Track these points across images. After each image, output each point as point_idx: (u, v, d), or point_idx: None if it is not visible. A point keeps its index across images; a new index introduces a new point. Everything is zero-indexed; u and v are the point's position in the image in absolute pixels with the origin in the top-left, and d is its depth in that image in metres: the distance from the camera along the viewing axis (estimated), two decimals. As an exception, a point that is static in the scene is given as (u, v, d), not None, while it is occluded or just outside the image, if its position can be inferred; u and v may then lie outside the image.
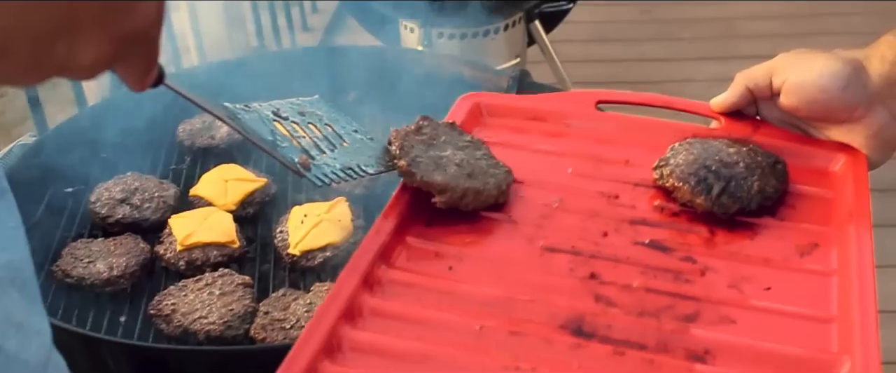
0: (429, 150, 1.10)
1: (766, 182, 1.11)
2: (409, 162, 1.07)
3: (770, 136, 1.20)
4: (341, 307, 0.95)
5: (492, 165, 1.11)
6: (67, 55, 0.60)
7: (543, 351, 0.93)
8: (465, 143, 1.14)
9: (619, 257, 1.05)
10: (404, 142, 1.10)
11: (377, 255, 1.03)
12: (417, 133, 1.13)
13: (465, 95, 1.32)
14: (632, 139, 1.22)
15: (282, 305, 1.36)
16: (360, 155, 1.10)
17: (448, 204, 1.06)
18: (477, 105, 1.30)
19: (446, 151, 1.11)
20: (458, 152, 1.11)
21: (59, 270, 1.46)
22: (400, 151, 1.09)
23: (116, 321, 1.43)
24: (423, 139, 1.12)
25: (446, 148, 1.11)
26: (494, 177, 1.09)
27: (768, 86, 1.18)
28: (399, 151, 1.09)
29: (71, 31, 0.58)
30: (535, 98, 1.32)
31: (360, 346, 0.94)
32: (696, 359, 0.91)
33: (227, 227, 1.51)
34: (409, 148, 1.09)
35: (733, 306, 0.97)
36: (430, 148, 1.11)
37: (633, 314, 0.96)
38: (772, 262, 1.04)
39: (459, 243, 1.07)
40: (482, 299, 0.99)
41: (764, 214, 1.10)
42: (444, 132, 1.15)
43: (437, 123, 1.16)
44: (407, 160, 1.07)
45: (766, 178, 1.11)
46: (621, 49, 4.05)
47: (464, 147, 1.13)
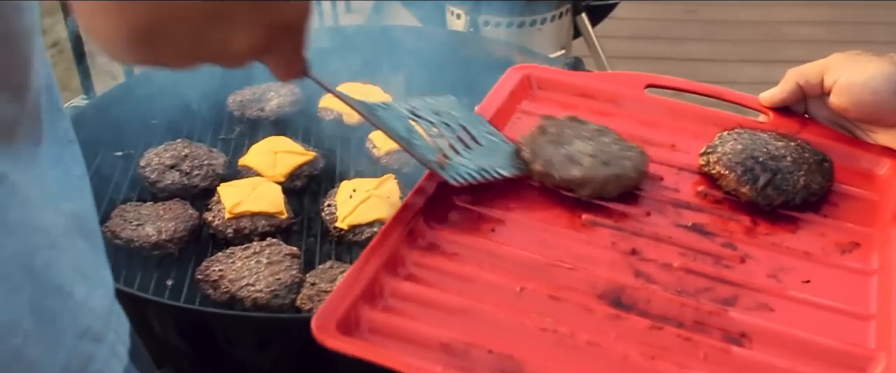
0: (559, 147, 1.11)
1: (812, 178, 1.12)
2: (543, 164, 1.09)
3: (817, 134, 1.21)
4: (384, 256, 0.97)
5: (624, 149, 1.13)
6: (222, 42, 0.64)
7: (582, 317, 0.94)
8: (592, 132, 1.15)
9: (661, 237, 1.06)
10: (534, 145, 1.12)
11: (421, 210, 1.05)
12: (543, 134, 1.14)
13: (515, 66, 1.33)
14: (679, 125, 1.23)
15: (329, 277, 1.39)
16: (494, 157, 1.13)
17: (592, 195, 1.08)
18: (527, 77, 1.32)
19: (575, 144, 1.12)
20: (587, 143, 1.12)
21: (108, 230, 1.49)
22: (533, 155, 1.11)
23: (163, 285, 1.46)
24: (551, 138, 1.13)
25: (574, 142, 1.12)
26: (630, 160, 1.11)
27: (819, 84, 1.19)
28: (532, 155, 1.11)
29: (226, 19, 0.63)
30: (585, 75, 1.34)
31: (401, 294, 0.95)
32: (733, 341, 0.93)
33: (275, 197, 1.54)
34: (541, 150, 1.11)
35: (771, 295, 0.99)
36: (559, 146, 1.12)
37: (672, 292, 0.98)
38: (812, 256, 1.05)
39: (503, 208, 1.08)
40: (523, 262, 1.00)
41: (807, 210, 1.11)
42: (567, 127, 1.16)
43: (559, 120, 1.17)
44: (541, 163, 1.10)
45: (813, 174, 1.12)
46: (665, 47, 4.05)
47: (592, 137, 1.14)
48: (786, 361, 0.91)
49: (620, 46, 3.79)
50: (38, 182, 0.72)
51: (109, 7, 0.59)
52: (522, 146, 1.13)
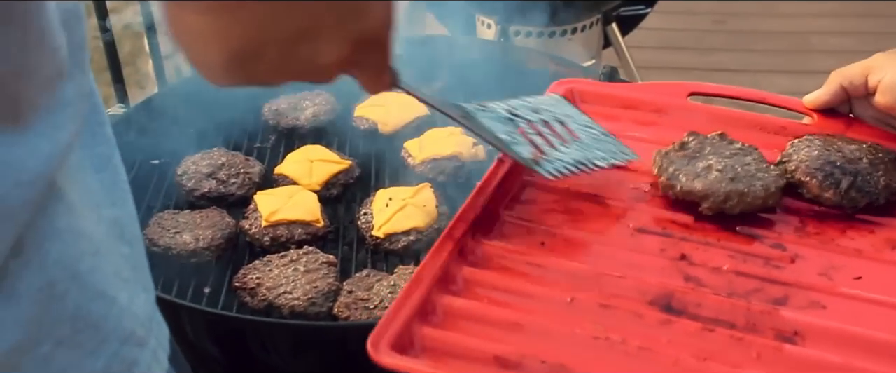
0: (690, 162, 1.12)
1: (892, 177, 1.11)
2: (668, 177, 1.10)
3: (863, 134, 1.20)
4: (436, 274, 0.97)
5: (761, 169, 1.11)
6: (310, 57, 0.67)
7: (633, 324, 0.94)
8: (734, 151, 1.15)
9: (710, 241, 1.06)
10: (663, 161, 1.13)
11: (472, 226, 1.05)
12: (681, 149, 1.14)
13: (558, 81, 1.34)
14: (723, 130, 1.22)
15: (365, 285, 1.38)
16: (593, 150, 1.14)
17: (713, 209, 1.08)
18: (570, 91, 1.31)
19: (709, 160, 1.12)
20: (722, 160, 1.12)
21: (146, 238, 1.49)
22: (659, 169, 1.12)
23: (200, 292, 1.46)
24: (687, 153, 1.13)
25: (709, 158, 1.12)
26: (762, 180, 1.09)
27: (863, 84, 1.18)
28: (658, 169, 1.12)
29: (313, 34, 0.65)
30: (627, 87, 1.34)
31: (454, 311, 0.95)
32: (786, 340, 0.92)
33: (311, 206, 1.53)
34: (669, 164, 1.12)
35: (823, 293, 0.98)
36: (691, 161, 1.12)
37: (723, 294, 0.97)
38: (863, 253, 1.04)
39: (552, 221, 1.09)
40: (573, 273, 1.00)
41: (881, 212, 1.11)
42: (710, 144, 1.16)
43: (705, 137, 1.17)
44: (665, 175, 1.10)
45: (891, 173, 1.12)
46: (694, 58, 4.04)
47: (732, 155, 1.13)
48: (840, 356, 0.90)
49: (650, 57, 3.78)
50: (82, 188, 0.73)
51: (207, 36, 0.62)
52: (654, 160, 1.14)
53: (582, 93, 1.32)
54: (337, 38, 0.67)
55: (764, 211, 1.09)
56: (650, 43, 3.88)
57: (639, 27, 3.02)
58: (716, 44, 4.13)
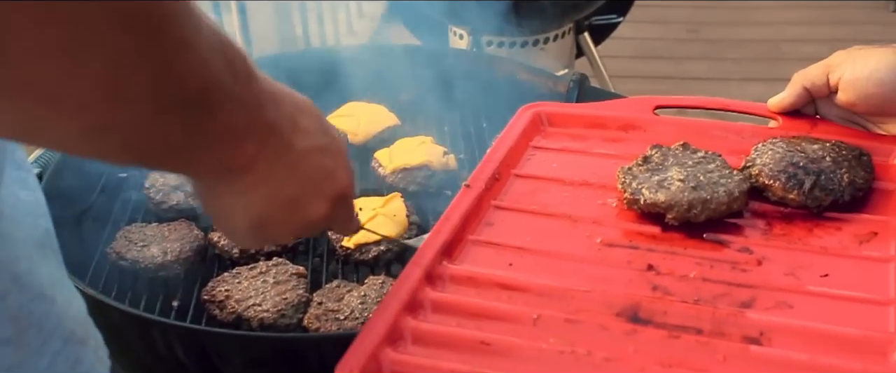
0: (652, 175, 1.12)
1: (855, 174, 1.11)
2: (631, 192, 1.10)
3: (829, 133, 1.21)
4: (404, 300, 0.98)
5: (724, 176, 1.11)
6: (304, 216, 0.89)
7: (599, 336, 0.94)
8: (697, 160, 1.15)
9: (676, 250, 1.06)
10: (626, 176, 1.13)
11: (439, 251, 1.05)
12: (644, 163, 1.15)
13: (525, 106, 1.35)
14: (689, 141, 1.22)
15: (336, 296, 1.37)
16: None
17: (678, 219, 1.07)
18: (537, 115, 1.33)
19: (670, 172, 1.12)
20: (684, 170, 1.12)
21: (114, 252, 1.48)
22: (622, 185, 1.12)
23: (169, 306, 1.44)
24: (650, 167, 1.14)
25: (670, 169, 1.13)
26: (725, 185, 1.09)
27: (825, 84, 1.19)
28: (622, 185, 1.13)
29: (304, 200, 0.87)
30: (593, 106, 1.34)
31: (422, 336, 0.96)
32: (752, 341, 0.92)
33: (280, 217, 1.52)
34: (632, 179, 1.12)
35: (790, 292, 0.98)
36: (654, 174, 1.12)
37: (689, 301, 0.97)
38: (829, 250, 1.04)
39: (519, 242, 1.09)
40: (540, 290, 1.00)
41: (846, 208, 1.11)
42: (672, 155, 1.16)
43: (668, 149, 1.18)
44: (629, 191, 1.11)
45: (854, 169, 1.12)
46: (667, 67, 4.05)
47: (695, 164, 1.14)
48: (805, 354, 0.90)
49: (623, 66, 3.79)
50: (12, 200, 0.81)
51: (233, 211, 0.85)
52: (617, 175, 1.15)
53: (549, 115, 1.33)
54: (319, 200, 0.89)
55: (730, 216, 1.09)
56: (624, 52, 3.90)
57: (612, 36, 3.03)
58: (689, 53, 4.14)
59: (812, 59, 3.56)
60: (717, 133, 1.26)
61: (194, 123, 0.68)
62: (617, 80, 3.10)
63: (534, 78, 1.90)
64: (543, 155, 1.26)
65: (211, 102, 0.68)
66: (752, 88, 3.76)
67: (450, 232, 1.09)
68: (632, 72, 3.88)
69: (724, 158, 1.16)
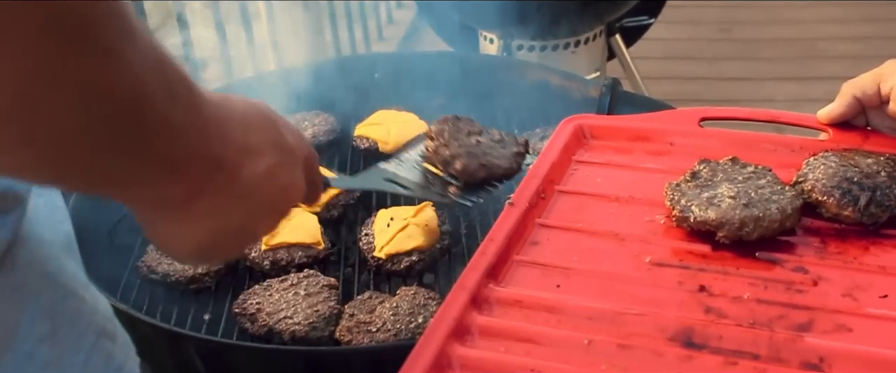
0: (702, 192, 1.09)
1: None
2: (680, 209, 1.07)
3: (882, 146, 1.17)
4: (450, 326, 0.94)
5: (776, 192, 1.07)
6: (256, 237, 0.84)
7: (653, 363, 0.90)
8: (747, 175, 1.12)
9: (729, 270, 1.02)
10: (675, 193, 1.10)
11: (485, 274, 1.02)
12: (693, 179, 1.11)
13: (567, 118, 1.31)
14: (736, 154, 1.18)
15: (367, 307, 1.35)
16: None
17: (730, 237, 1.03)
18: (580, 128, 1.29)
19: (721, 188, 1.09)
20: (735, 186, 1.09)
21: (144, 265, 1.46)
22: (671, 202, 1.09)
23: (200, 319, 1.43)
24: (698, 183, 1.10)
25: (721, 185, 1.09)
26: (777, 202, 1.05)
27: (876, 93, 1.15)
28: (670, 202, 1.09)
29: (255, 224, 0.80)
30: (637, 118, 1.31)
31: (470, 363, 0.92)
32: (811, 367, 0.88)
33: (312, 228, 1.50)
34: (680, 196, 1.09)
35: (848, 315, 0.94)
36: (703, 190, 1.09)
37: (745, 325, 0.93)
38: (887, 269, 1.00)
39: (566, 261, 1.06)
40: (590, 313, 0.97)
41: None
42: (722, 171, 1.13)
43: (717, 164, 1.14)
44: (678, 208, 1.07)
45: None
46: (700, 67, 4.00)
47: (745, 180, 1.10)
48: None
49: (655, 67, 3.75)
50: (36, 202, 0.82)
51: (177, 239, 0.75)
52: (665, 192, 1.11)
53: (592, 128, 1.29)
54: (271, 220, 0.82)
55: (783, 234, 1.05)
56: (655, 53, 3.86)
57: (643, 38, 2.99)
58: (722, 53, 4.09)
59: (846, 57, 3.55)
60: (765, 146, 1.22)
61: (124, 148, 0.62)
62: (649, 82, 3.06)
63: (565, 83, 1.87)
64: (587, 169, 1.22)
65: (144, 125, 0.62)
66: (788, 88, 3.71)
67: (495, 253, 1.05)
68: (664, 73, 3.83)
69: (774, 172, 1.12)
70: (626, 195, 1.16)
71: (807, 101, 1.22)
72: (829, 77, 1.26)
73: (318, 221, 1.53)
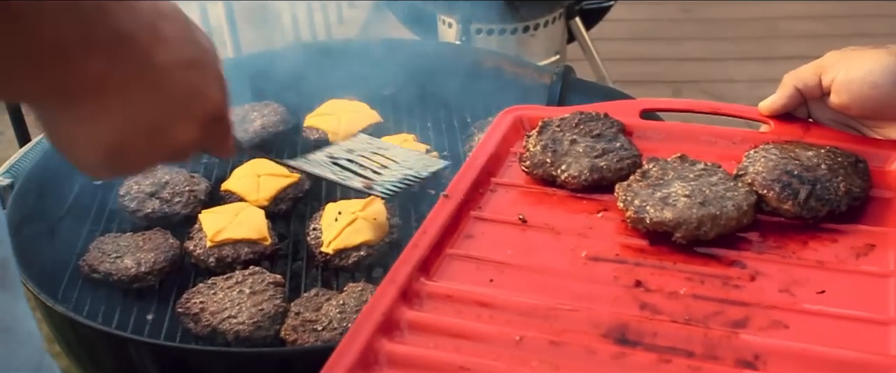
0: (655, 191, 1.07)
1: (852, 182, 1.07)
2: (635, 210, 1.05)
3: (823, 137, 1.16)
4: (378, 320, 0.93)
5: (730, 189, 1.06)
6: (170, 142, 0.74)
7: (585, 360, 0.89)
8: (698, 172, 1.10)
9: (666, 265, 1.01)
10: (626, 193, 1.08)
11: (416, 267, 1.01)
12: (643, 178, 1.10)
13: (506, 109, 1.30)
14: (678, 147, 1.18)
15: (314, 305, 1.33)
16: (411, 167, 1.34)
17: (687, 237, 1.02)
18: (519, 119, 1.28)
19: (673, 186, 1.07)
20: (688, 184, 1.07)
21: (86, 264, 1.43)
22: (624, 203, 1.07)
23: (144, 319, 1.40)
24: (650, 182, 1.09)
25: (672, 184, 1.08)
26: (732, 199, 1.04)
27: (818, 85, 1.15)
28: (623, 203, 1.07)
29: (167, 124, 0.73)
30: (577, 109, 1.29)
31: (397, 359, 0.91)
32: (746, 365, 0.87)
33: (258, 223, 1.47)
34: (633, 197, 1.07)
35: (785, 311, 0.93)
36: (656, 189, 1.07)
37: (680, 321, 0.92)
38: (826, 265, 1.00)
39: (500, 255, 1.04)
40: (523, 309, 0.96)
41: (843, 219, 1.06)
42: (672, 168, 1.11)
43: (666, 161, 1.12)
44: (632, 209, 1.05)
45: (851, 178, 1.07)
46: (662, 48, 3.99)
47: (697, 177, 1.09)
48: None
49: (617, 48, 3.73)
50: None
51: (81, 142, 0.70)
52: (617, 194, 1.09)
53: (532, 120, 1.28)
54: (187, 123, 0.74)
55: (740, 231, 1.04)
56: (618, 34, 3.84)
57: (605, 19, 2.97)
58: (683, 33, 4.08)
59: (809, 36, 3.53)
60: (706, 138, 1.21)
61: (3, 33, 0.57)
62: (611, 63, 3.05)
63: (518, 70, 1.86)
64: (526, 164, 1.20)
65: (21, 5, 0.56)
66: (750, 67, 3.71)
67: (427, 246, 1.04)
68: (626, 54, 3.82)
69: (724, 168, 1.11)
70: (564, 189, 1.15)
71: (768, 80, 1.21)
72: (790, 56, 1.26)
73: (267, 215, 1.50)
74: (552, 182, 1.16)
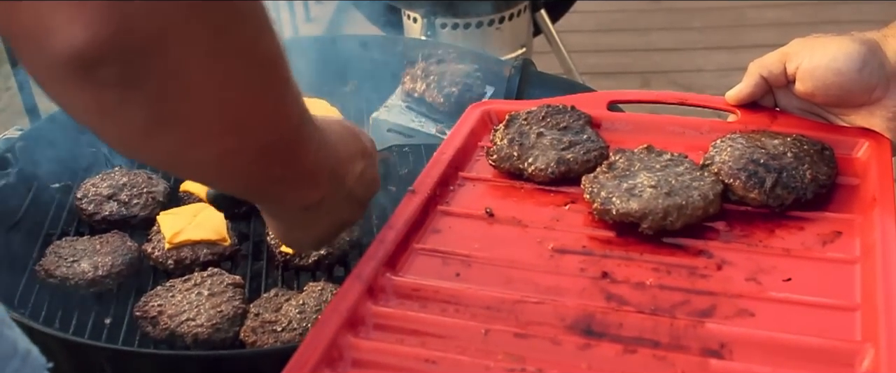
0: (622, 183, 1.06)
1: (818, 170, 1.06)
2: (601, 202, 1.04)
3: (789, 126, 1.15)
4: (343, 316, 0.92)
5: (696, 178, 1.05)
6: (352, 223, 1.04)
7: (550, 352, 0.89)
8: (664, 162, 1.09)
9: (632, 256, 1.00)
10: (593, 185, 1.07)
11: (382, 262, 1.00)
12: (610, 170, 1.09)
13: (473, 104, 1.30)
14: (645, 138, 1.17)
15: (273, 306, 1.30)
16: None
17: (654, 228, 1.01)
18: (487, 113, 1.27)
19: (639, 177, 1.06)
20: (654, 175, 1.06)
21: (43, 269, 1.40)
22: (590, 194, 1.06)
23: (101, 323, 1.37)
24: (617, 173, 1.08)
25: (639, 175, 1.07)
26: (698, 189, 1.03)
27: (783, 73, 1.14)
28: (589, 195, 1.06)
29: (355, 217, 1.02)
30: (544, 102, 1.27)
31: (362, 355, 0.90)
32: (711, 354, 0.87)
33: (217, 224, 1.44)
34: (599, 188, 1.06)
35: (751, 299, 0.93)
36: (622, 180, 1.06)
37: (646, 312, 0.92)
38: (792, 252, 0.99)
39: (467, 249, 1.04)
40: (488, 303, 0.95)
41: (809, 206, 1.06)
42: (638, 159, 1.10)
43: (632, 153, 1.11)
44: (598, 201, 1.04)
45: (817, 165, 1.07)
46: (630, 39, 3.99)
47: (663, 167, 1.08)
48: (768, 366, 0.85)
49: (585, 40, 3.72)
50: None
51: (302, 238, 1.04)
52: (583, 185, 1.09)
53: (499, 114, 1.27)
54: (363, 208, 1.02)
55: (706, 221, 1.03)
56: (586, 26, 3.84)
57: (573, 11, 2.95)
58: (652, 23, 4.08)
59: (775, 25, 3.53)
60: (674, 129, 1.21)
61: (288, 160, 0.79)
62: (579, 54, 3.04)
63: (480, 64, 1.83)
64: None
65: (300, 139, 0.78)
66: (718, 57, 3.71)
67: (393, 241, 1.03)
68: (594, 46, 3.81)
69: (690, 158, 1.10)
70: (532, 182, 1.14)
71: (736, 69, 1.20)
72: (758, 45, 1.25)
73: (226, 216, 1.47)
74: (519, 175, 1.14)
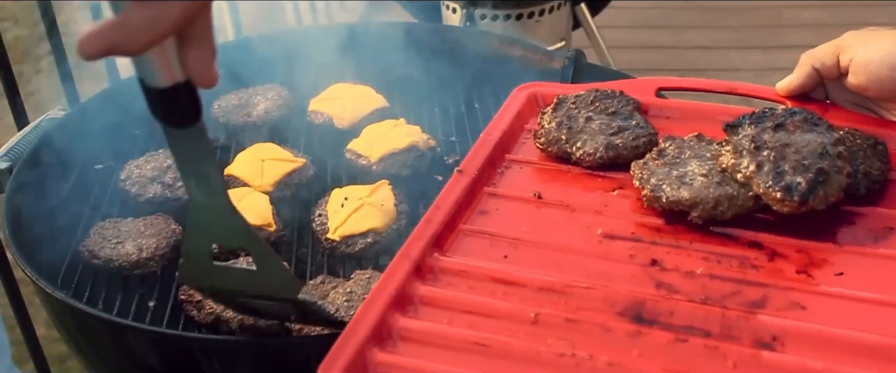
0: (672, 170, 1.06)
1: (871, 165, 1.05)
2: (651, 189, 1.04)
3: (840, 119, 1.14)
4: (392, 295, 0.93)
5: None
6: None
7: (601, 338, 0.88)
8: (715, 151, 1.09)
9: (682, 244, 1.00)
10: (643, 171, 1.07)
11: (430, 243, 1.00)
12: (660, 157, 1.09)
13: (520, 86, 1.29)
14: (693, 126, 1.17)
15: (320, 293, 1.30)
16: None
17: (704, 217, 1.01)
18: (533, 95, 1.27)
19: (690, 165, 1.06)
20: (704, 163, 1.06)
21: (86, 250, 1.41)
22: (640, 181, 1.06)
23: (145, 306, 1.37)
24: (666, 161, 1.08)
25: (689, 163, 1.06)
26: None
27: (835, 65, 1.13)
28: (639, 181, 1.06)
29: None
30: (593, 87, 1.27)
31: (411, 334, 0.90)
32: (764, 346, 0.86)
33: (262, 209, 1.45)
34: (649, 175, 1.06)
35: (803, 292, 0.92)
36: (673, 168, 1.06)
37: (697, 301, 0.91)
38: (844, 247, 0.98)
39: (515, 232, 1.04)
40: (538, 286, 0.95)
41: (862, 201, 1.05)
42: (689, 147, 1.10)
43: (682, 140, 1.11)
44: (648, 188, 1.04)
45: (870, 160, 1.06)
46: (666, 36, 3.97)
47: (713, 157, 1.07)
48: (821, 361, 0.84)
49: (621, 36, 3.71)
50: None
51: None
52: (632, 172, 1.09)
53: (545, 96, 1.27)
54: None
55: (757, 212, 1.02)
56: (622, 22, 3.83)
57: (610, 6, 2.95)
58: (687, 21, 4.06)
59: (813, 25, 3.50)
60: (722, 118, 1.19)
61: None
62: (615, 50, 3.03)
63: (527, 54, 1.83)
64: (540, 140, 1.19)
65: None
66: (754, 57, 3.69)
67: (441, 221, 1.03)
68: (630, 42, 3.80)
69: None
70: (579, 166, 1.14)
71: (772, 69, 1.20)
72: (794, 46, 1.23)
73: (271, 200, 1.48)
74: (567, 159, 1.15)
